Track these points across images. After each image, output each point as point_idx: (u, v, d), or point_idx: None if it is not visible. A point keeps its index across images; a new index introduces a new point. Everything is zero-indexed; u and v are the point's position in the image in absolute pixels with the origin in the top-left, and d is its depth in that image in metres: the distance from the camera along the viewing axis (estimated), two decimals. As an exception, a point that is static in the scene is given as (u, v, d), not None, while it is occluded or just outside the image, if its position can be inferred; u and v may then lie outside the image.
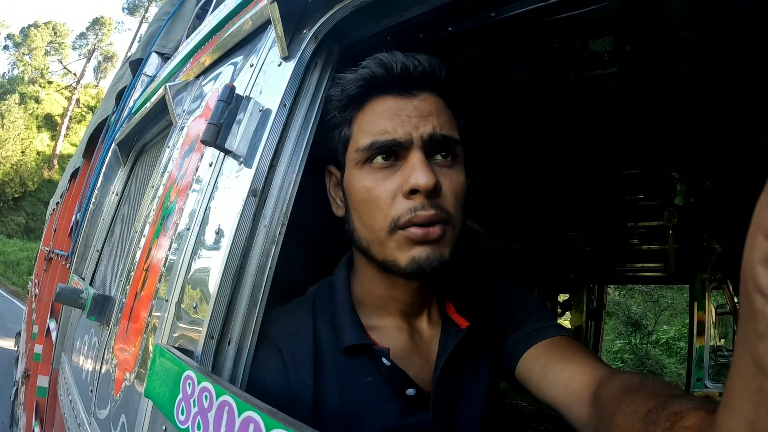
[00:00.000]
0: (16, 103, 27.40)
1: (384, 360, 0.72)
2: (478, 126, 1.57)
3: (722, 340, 3.03)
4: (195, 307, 0.75)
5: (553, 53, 1.27)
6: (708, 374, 2.79)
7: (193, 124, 1.10)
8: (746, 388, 0.18)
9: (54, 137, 30.38)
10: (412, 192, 0.68)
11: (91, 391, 1.22)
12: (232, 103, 0.77)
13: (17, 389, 3.66)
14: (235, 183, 0.78)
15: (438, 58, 0.74)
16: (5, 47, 33.14)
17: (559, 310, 3.21)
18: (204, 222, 0.82)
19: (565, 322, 3.19)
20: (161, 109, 1.43)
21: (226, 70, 1.06)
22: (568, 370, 0.68)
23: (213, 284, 0.73)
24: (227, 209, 0.77)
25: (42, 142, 29.56)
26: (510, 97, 1.52)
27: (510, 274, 0.94)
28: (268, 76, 0.83)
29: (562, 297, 3.18)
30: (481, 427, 0.78)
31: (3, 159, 25.62)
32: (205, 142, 0.75)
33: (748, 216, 0.17)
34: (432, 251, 0.68)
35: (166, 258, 0.92)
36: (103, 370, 1.17)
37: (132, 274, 1.15)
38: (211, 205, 0.82)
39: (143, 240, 1.16)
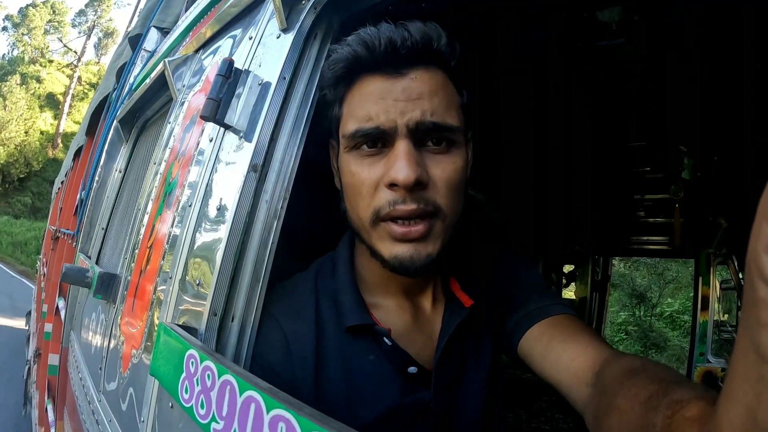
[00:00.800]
0: (17, 84, 27.28)
1: (385, 339, 0.71)
2: (485, 98, 1.55)
3: (726, 315, 3.02)
4: (198, 284, 0.75)
5: (560, 23, 1.24)
6: (711, 349, 2.80)
7: (194, 98, 1.09)
8: (747, 375, 0.18)
9: (57, 116, 30.34)
10: (393, 185, 0.64)
11: (100, 368, 1.23)
12: (230, 77, 0.76)
13: (29, 368, 3.72)
14: (235, 157, 0.77)
15: (438, 26, 0.67)
16: (4, 28, 32.80)
17: (564, 281, 3.21)
18: (206, 197, 0.81)
19: (570, 293, 3.19)
20: (161, 85, 1.41)
21: (225, 44, 1.04)
22: (570, 350, 0.67)
23: (216, 260, 0.72)
24: (229, 184, 0.76)
25: (45, 121, 29.54)
26: (517, 68, 1.49)
27: (514, 250, 0.92)
28: (267, 49, 0.81)
29: (568, 268, 3.17)
30: (483, 405, 0.78)
31: (6, 140, 25.64)
32: (205, 118, 0.74)
33: (755, 192, 0.17)
34: (416, 250, 0.65)
35: (170, 234, 0.92)
36: (111, 348, 1.18)
37: (136, 251, 1.15)
38: (213, 180, 0.82)
39: (146, 217, 1.15)
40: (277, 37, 0.79)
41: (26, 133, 26.70)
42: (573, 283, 3.16)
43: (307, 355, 0.70)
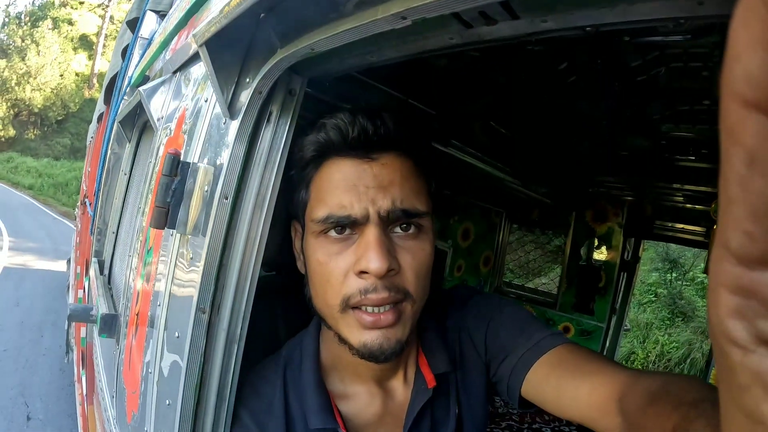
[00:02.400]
0: (49, 29, 27.28)
1: None
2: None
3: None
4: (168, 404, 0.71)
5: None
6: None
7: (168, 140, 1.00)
8: None
9: (91, 57, 30.49)
10: (364, 272, 0.64)
11: (113, 397, 1.24)
12: (177, 174, 0.67)
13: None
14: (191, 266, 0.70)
15: (410, 114, 0.64)
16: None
17: (596, 243, 3.10)
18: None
19: (601, 255, 3.09)
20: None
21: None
22: (586, 384, 0.64)
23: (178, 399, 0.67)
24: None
25: (80, 63, 29.76)
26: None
27: (474, 292, 0.89)
28: (215, 134, 0.72)
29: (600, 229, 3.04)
30: None
31: (42, 85, 26.05)
32: (157, 227, 0.66)
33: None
34: (385, 337, 0.65)
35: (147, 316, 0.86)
36: (117, 389, 1.19)
37: (131, 292, 1.12)
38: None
39: (137, 258, 1.11)
40: (224, 123, 0.69)
41: (61, 76, 27.02)
42: (604, 248, 3.07)
43: None
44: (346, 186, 0.65)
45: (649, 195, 2.55)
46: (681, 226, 2.58)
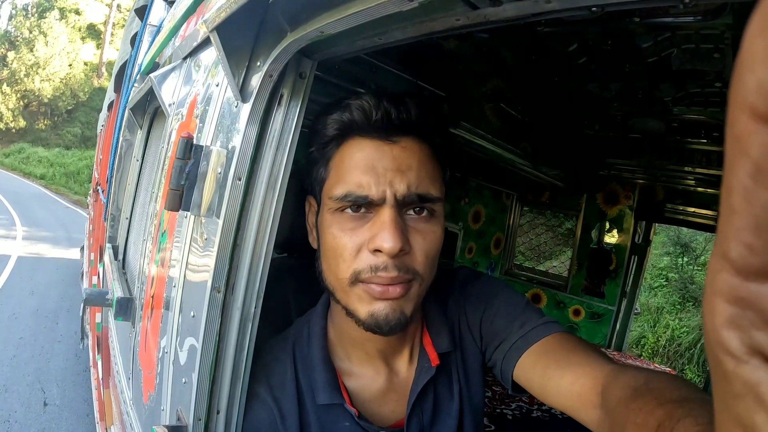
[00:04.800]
0: (56, 19, 27.29)
1: (354, 417, 0.75)
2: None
3: None
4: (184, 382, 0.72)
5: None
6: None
7: (180, 126, 1.01)
8: None
9: (99, 46, 30.53)
10: (378, 251, 0.66)
11: (129, 379, 1.27)
12: (191, 158, 0.68)
13: (84, 306, 3.92)
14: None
15: (429, 103, 0.69)
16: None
17: (607, 225, 3.09)
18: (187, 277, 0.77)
19: (612, 238, 3.08)
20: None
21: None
22: (569, 374, 0.67)
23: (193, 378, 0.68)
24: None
25: (88, 52, 29.80)
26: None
27: (474, 276, 0.91)
28: (227, 117, 0.73)
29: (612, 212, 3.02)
30: None
31: (51, 75, 26.15)
32: (172, 210, 0.67)
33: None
34: (392, 308, 0.68)
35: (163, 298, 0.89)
36: (133, 370, 1.21)
37: (145, 277, 1.14)
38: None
39: (151, 243, 1.13)
40: (235, 106, 0.70)
41: (70, 66, 27.11)
42: (615, 231, 3.06)
43: (293, 427, 0.73)
44: (366, 166, 0.67)
45: (660, 178, 2.54)
46: (692, 209, 2.55)
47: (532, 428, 2.10)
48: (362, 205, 0.68)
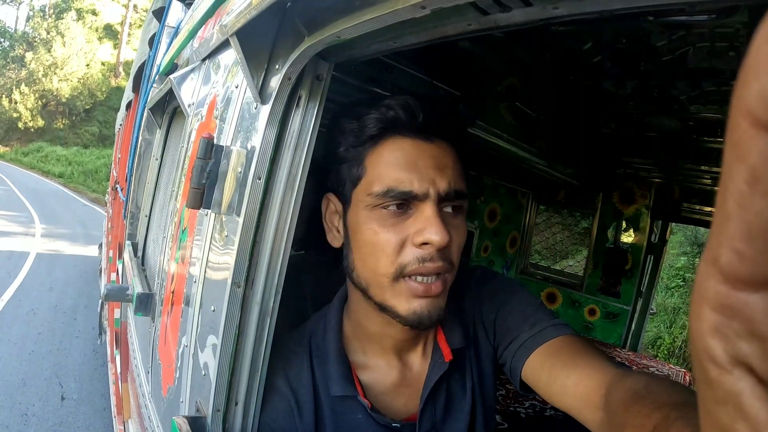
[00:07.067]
0: (73, 20, 27.72)
1: (367, 408, 0.77)
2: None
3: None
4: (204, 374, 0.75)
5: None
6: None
7: (200, 125, 1.04)
8: None
9: (116, 46, 30.93)
10: (425, 243, 0.69)
11: (148, 372, 1.30)
12: (211, 157, 0.71)
13: (102, 302, 3.98)
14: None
15: (457, 108, 0.71)
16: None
17: (623, 225, 3.07)
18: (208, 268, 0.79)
19: (628, 237, 3.06)
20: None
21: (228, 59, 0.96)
22: (574, 375, 0.69)
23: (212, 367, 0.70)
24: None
25: (105, 52, 30.21)
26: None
27: (490, 275, 0.92)
28: (245, 115, 0.75)
29: (629, 211, 3.00)
30: None
31: (69, 75, 26.57)
32: (193, 208, 0.70)
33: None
34: (433, 305, 0.71)
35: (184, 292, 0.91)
36: (152, 364, 1.24)
37: (165, 273, 1.17)
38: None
39: (170, 240, 1.15)
40: (255, 108, 0.72)
41: (87, 66, 27.58)
42: (632, 230, 3.03)
43: (309, 419, 0.76)
44: (407, 163, 0.70)
45: (676, 177, 2.52)
46: (709, 209, 2.52)
47: (545, 427, 2.10)
48: (404, 202, 0.70)
